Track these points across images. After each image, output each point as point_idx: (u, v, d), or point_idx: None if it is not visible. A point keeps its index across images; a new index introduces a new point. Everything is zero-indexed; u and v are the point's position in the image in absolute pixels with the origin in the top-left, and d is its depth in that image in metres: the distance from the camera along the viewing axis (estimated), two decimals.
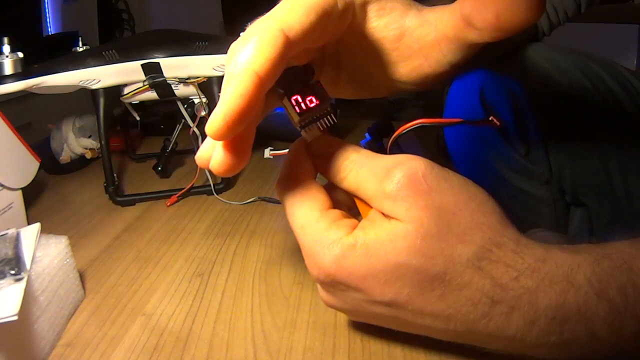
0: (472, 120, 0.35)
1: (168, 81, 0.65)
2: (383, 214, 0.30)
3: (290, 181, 0.32)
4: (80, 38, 0.69)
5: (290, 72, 0.29)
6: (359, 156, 0.31)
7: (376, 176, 0.29)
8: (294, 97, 0.29)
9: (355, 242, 0.29)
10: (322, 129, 0.31)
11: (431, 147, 0.84)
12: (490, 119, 0.33)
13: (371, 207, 0.31)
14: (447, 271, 0.28)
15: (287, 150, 0.34)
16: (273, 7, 0.27)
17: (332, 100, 1.04)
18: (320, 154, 0.32)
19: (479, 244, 0.28)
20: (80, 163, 0.80)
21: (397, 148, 0.33)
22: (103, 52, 0.62)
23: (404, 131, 0.32)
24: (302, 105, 0.29)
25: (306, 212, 0.31)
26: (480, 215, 0.29)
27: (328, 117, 0.30)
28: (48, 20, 1.21)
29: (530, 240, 0.29)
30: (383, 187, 0.29)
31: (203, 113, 0.69)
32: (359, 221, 0.31)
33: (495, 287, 0.27)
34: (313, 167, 0.32)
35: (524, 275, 0.27)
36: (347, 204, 0.33)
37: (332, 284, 0.31)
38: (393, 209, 0.28)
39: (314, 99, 0.29)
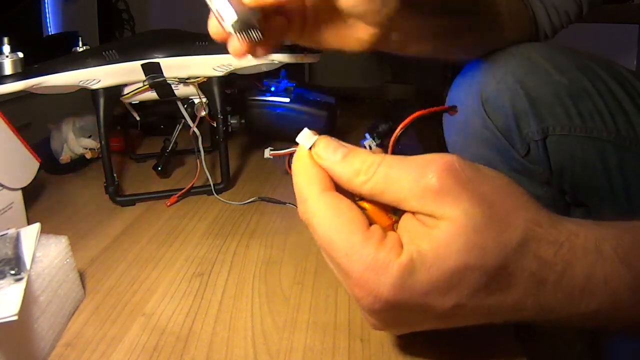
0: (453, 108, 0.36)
1: (168, 81, 0.65)
2: (417, 217, 0.28)
3: (315, 204, 0.29)
4: (80, 38, 0.69)
5: None
6: (381, 157, 0.29)
7: (411, 174, 0.28)
8: None
9: (410, 258, 0.27)
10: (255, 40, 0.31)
11: (431, 147, 0.84)
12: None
13: (388, 214, 0.30)
14: (501, 260, 0.27)
15: (287, 150, 0.34)
16: None
17: (332, 100, 1.04)
18: (328, 158, 0.30)
19: (523, 225, 0.28)
20: (80, 163, 0.80)
21: (397, 148, 0.34)
22: (103, 52, 0.62)
23: (407, 125, 0.32)
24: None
25: (347, 237, 0.28)
26: (514, 198, 0.29)
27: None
28: (48, 20, 1.21)
29: (558, 215, 0.30)
30: (423, 183, 0.27)
31: (203, 113, 0.69)
32: (395, 231, 0.30)
33: (541, 265, 0.28)
34: (329, 177, 0.30)
35: (563, 249, 0.28)
36: None
37: (390, 309, 0.28)
38: (437, 207, 0.27)
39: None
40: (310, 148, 0.31)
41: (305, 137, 0.31)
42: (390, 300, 0.27)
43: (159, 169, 0.74)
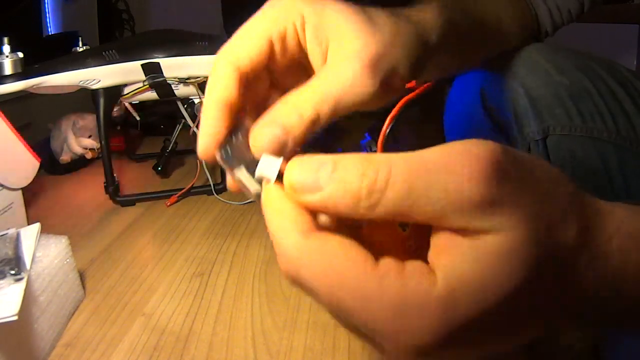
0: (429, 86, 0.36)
1: (168, 81, 0.65)
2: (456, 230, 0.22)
3: (299, 256, 0.22)
4: (80, 38, 0.69)
5: None
6: (387, 164, 0.21)
7: (444, 182, 0.20)
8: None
9: (450, 289, 0.20)
10: None
11: (431, 145, 0.84)
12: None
13: (396, 230, 0.24)
14: (560, 268, 0.23)
15: None
16: None
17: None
18: (308, 186, 0.21)
19: (577, 220, 0.23)
20: (80, 163, 0.80)
21: (395, 144, 0.33)
22: (103, 52, 0.62)
23: (396, 116, 0.31)
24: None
25: (356, 285, 0.20)
26: (567, 186, 0.24)
27: None
28: (48, 20, 1.21)
29: (602, 202, 0.26)
30: (468, 194, 0.20)
31: None
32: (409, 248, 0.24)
33: (597, 260, 0.24)
34: (306, 213, 0.22)
35: (616, 238, 0.25)
36: None
37: (434, 354, 0.22)
38: (487, 220, 0.21)
39: None
40: (279, 177, 0.22)
41: (267, 167, 0.22)
42: (434, 344, 0.21)
43: (159, 169, 0.74)
